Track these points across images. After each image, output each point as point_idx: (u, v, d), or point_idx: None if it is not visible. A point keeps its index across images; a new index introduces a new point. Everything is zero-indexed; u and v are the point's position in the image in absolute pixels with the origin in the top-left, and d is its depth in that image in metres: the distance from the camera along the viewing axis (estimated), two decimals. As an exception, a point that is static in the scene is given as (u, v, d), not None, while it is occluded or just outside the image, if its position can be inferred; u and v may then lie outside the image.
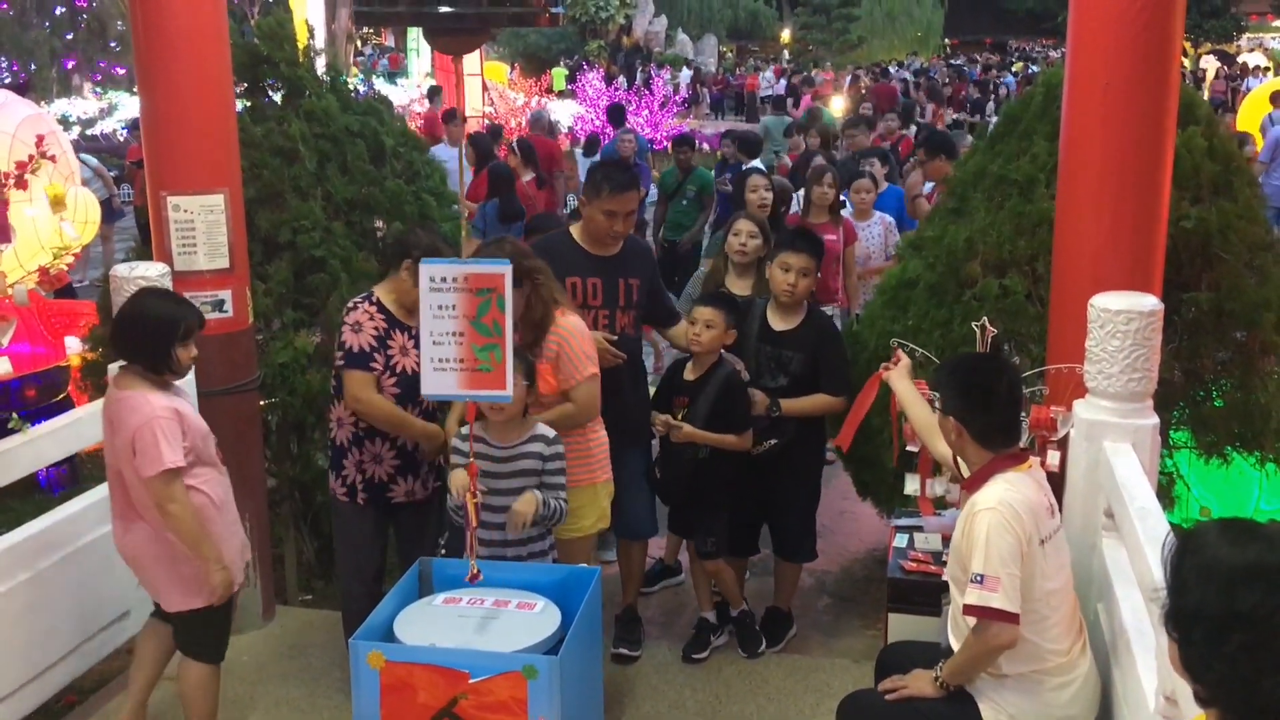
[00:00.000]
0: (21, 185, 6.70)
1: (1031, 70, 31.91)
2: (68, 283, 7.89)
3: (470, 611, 3.31)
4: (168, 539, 3.48)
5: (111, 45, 20.49)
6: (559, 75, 26.95)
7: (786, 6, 46.38)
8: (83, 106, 19.99)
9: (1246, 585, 1.60)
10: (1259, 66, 30.23)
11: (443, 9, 8.59)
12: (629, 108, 18.30)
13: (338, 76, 5.35)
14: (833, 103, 17.99)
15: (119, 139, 18.29)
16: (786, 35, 44.56)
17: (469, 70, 17.75)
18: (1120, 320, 3.34)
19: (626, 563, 4.56)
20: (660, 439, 4.32)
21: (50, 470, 5.78)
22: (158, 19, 4.20)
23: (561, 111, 20.23)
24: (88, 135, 17.99)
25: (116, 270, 4.15)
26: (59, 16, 19.69)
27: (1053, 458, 3.52)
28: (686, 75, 31.71)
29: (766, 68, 35.43)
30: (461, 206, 7.26)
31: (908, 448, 3.86)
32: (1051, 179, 4.10)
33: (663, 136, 18.46)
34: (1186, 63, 30.15)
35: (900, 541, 4.05)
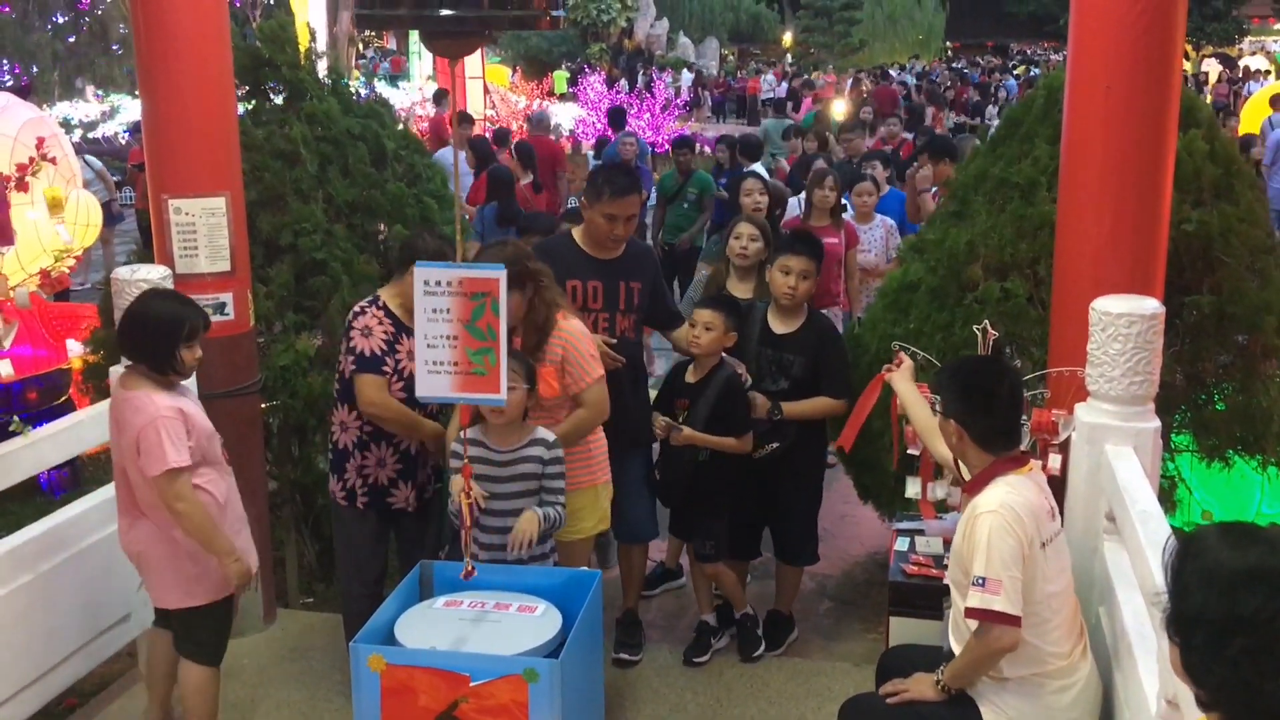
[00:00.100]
0: (23, 188, 6.71)
1: (1033, 73, 31.87)
2: (67, 286, 7.88)
3: (471, 615, 3.31)
4: (172, 536, 3.48)
5: (114, 49, 20.53)
6: (560, 78, 26.91)
7: (788, 9, 46.39)
8: (84, 109, 20.02)
9: (1248, 589, 1.60)
10: (1261, 70, 30.17)
11: (444, 12, 8.57)
12: (630, 111, 18.29)
13: (339, 79, 5.36)
14: (834, 106, 17.97)
15: (120, 142, 18.33)
16: (788, 38, 44.55)
17: (470, 73, 17.80)
18: (1122, 323, 3.33)
19: (627, 566, 4.56)
20: (661, 441, 4.33)
21: (51, 473, 5.77)
22: (159, 21, 4.21)
23: (563, 114, 20.22)
24: (89, 138, 18.02)
25: (118, 273, 4.14)
26: (62, 22, 19.73)
27: (1054, 461, 3.52)
28: (688, 78, 31.64)
29: (768, 71, 35.40)
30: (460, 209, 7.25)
31: (909, 451, 3.86)
32: (1053, 182, 4.10)
33: (664, 140, 18.42)
34: (1188, 66, 30.15)
35: (901, 545, 4.05)
